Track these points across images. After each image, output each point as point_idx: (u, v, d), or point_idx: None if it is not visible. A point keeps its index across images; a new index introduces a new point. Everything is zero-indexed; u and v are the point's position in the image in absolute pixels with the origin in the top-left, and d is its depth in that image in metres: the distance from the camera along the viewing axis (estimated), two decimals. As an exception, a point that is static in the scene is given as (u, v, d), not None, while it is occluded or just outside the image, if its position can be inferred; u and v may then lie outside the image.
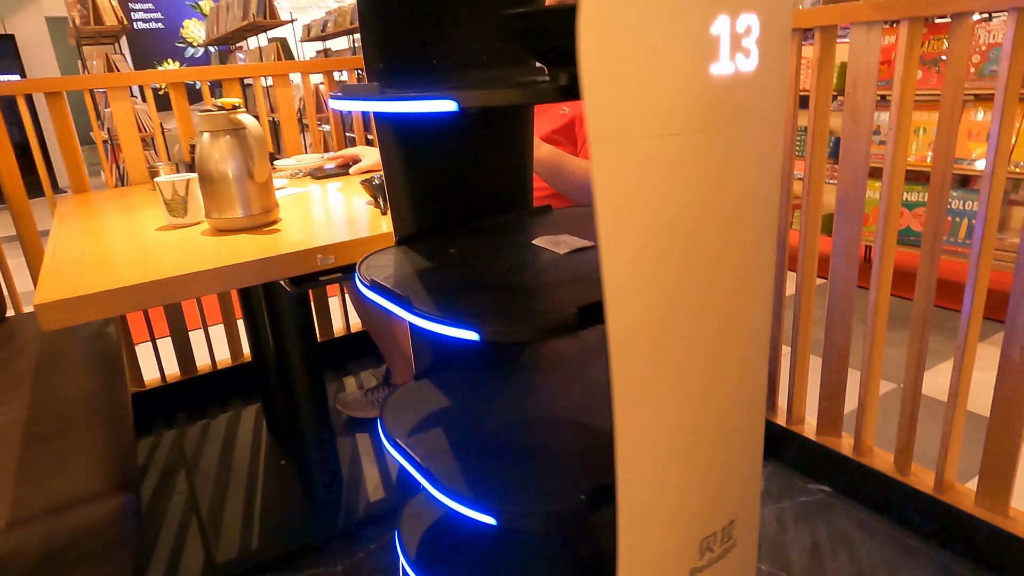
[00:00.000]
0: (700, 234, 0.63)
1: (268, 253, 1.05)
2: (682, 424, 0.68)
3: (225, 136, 1.18)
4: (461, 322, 0.63)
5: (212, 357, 2.17)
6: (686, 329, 0.65)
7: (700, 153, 0.60)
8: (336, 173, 1.78)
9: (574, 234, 0.94)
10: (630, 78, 0.55)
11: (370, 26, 0.84)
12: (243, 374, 2.19)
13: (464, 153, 0.99)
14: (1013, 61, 1.08)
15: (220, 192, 1.20)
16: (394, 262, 0.87)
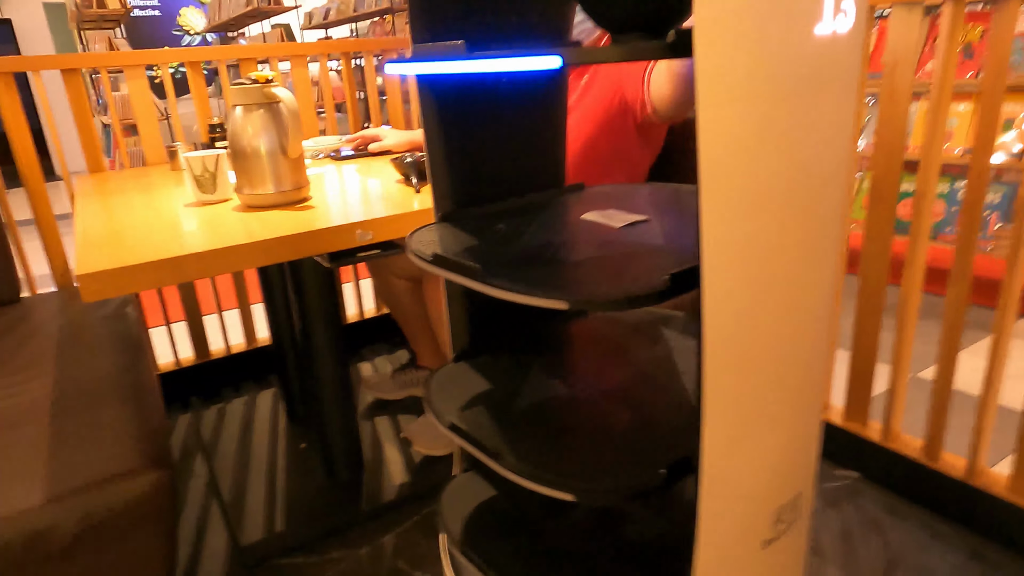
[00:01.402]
0: (794, 202, 0.62)
1: (304, 228, 1.03)
2: (767, 392, 0.67)
3: (259, 110, 1.16)
4: (546, 291, 0.62)
5: (227, 341, 2.15)
6: (775, 298, 0.64)
7: (801, 117, 0.59)
8: (356, 154, 1.76)
9: (619, 208, 0.93)
10: (742, 37, 0.53)
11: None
12: (258, 359, 2.17)
13: (505, 130, 0.98)
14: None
15: (252, 167, 1.18)
16: (442, 237, 0.86)
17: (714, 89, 0.55)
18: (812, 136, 0.62)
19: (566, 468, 0.70)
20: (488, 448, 0.76)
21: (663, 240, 0.78)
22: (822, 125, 0.62)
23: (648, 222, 0.86)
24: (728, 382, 0.65)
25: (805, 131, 0.61)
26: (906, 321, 1.39)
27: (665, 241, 0.77)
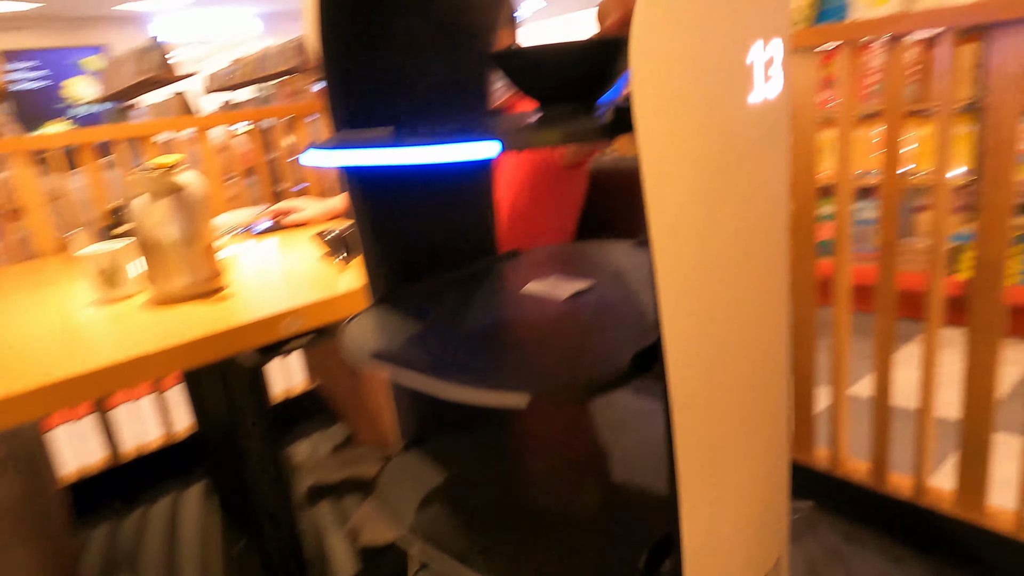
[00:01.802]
0: (744, 262, 0.60)
1: (226, 323, 0.95)
2: (741, 466, 0.64)
3: (164, 199, 1.08)
4: (502, 388, 0.58)
5: (143, 436, 1.98)
6: (737, 356, 0.63)
7: (742, 182, 0.58)
8: (273, 228, 1.68)
9: (558, 275, 0.90)
10: (681, 112, 0.52)
11: (335, 70, 0.78)
12: (181, 452, 2.01)
13: (435, 202, 0.94)
14: (953, 79, 1.14)
15: (161, 259, 1.09)
16: (382, 326, 0.80)
17: (658, 164, 0.53)
18: (755, 192, 0.61)
19: (545, 569, 0.64)
20: (455, 553, 0.70)
21: (612, 309, 0.75)
22: (762, 180, 0.61)
23: (592, 289, 0.83)
24: (701, 455, 0.62)
25: (748, 189, 0.60)
26: (841, 348, 1.43)
27: (614, 311, 0.75)
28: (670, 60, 0.51)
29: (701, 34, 0.53)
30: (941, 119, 1.16)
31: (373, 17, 0.80)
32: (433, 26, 0.86)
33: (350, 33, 0.78)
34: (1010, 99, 1.06)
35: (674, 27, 0.51)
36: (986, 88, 1.08)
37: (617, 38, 0.67)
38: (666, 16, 0.51)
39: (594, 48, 0.68)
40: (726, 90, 0.55)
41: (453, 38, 0.90)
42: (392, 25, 0.82)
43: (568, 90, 0.72)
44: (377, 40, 0.82)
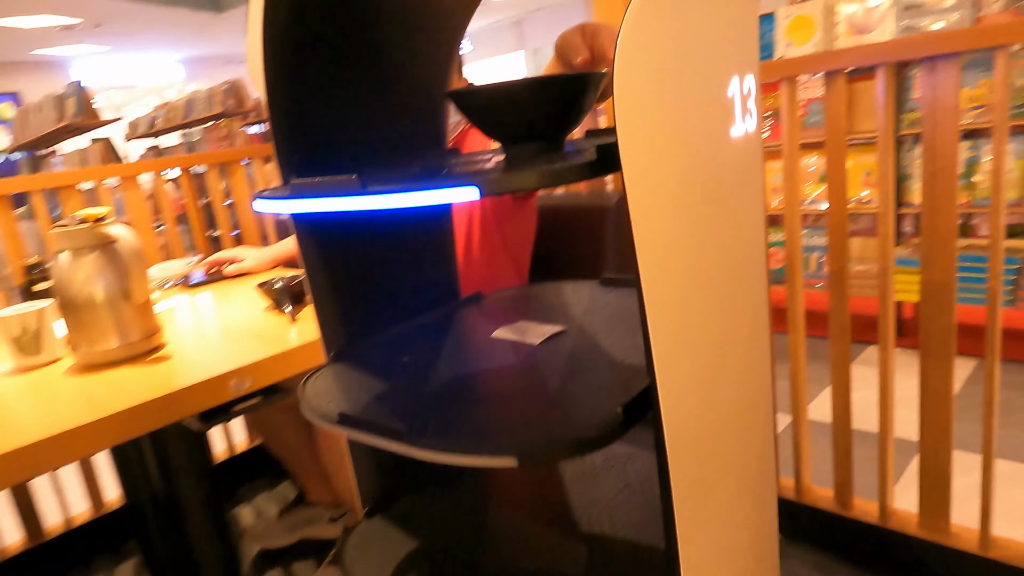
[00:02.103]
0: (730, 297, 0.58)
1: (166, 387, 0.86)
2: (737, 507, 0.61)
3: (91, 254, 0.99)
4: (488, 449, 0.53)
5: (67, 511, 1.80)
6: (728, 402, 0.60)
7: (727, 217, 0.56)
8: (210, 279, 1.59)
9: (525, 319, 0.86)
10: (666, 147, 0.50)
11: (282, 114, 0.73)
12: (111, 526, 1.85)
13: (393, 249, 0.89)
14: (887, 111, 1.17)
15: (88, 320, 1.00)
16: (344, 383, 0.74)
17: (645, 202, 0.51)
18: (738, 226, 0.59)
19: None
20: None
21: (588, 355, 0.72)
22: (744, 213, 0.59)
23: (565, 334, 0.80)
24: (697, 501, 0.58)
25: (733, 223, 0.58)
26: (799, 376, 1.43)
27: (591, 356, 0.71)
28: (655, 95, 0.49)
29: (684, 69, 0.51)
30: (881, 148, 1.20)
31: (321, 60, 0.76)
32: (385, 67, 0.83)
33: (297, 76, 0.74)
34: (948, 127, 1.10)
35: (658, 62, 0.49)
36: (924, 118, 1.12)
37: (586, 74, 0.65)
38: (649, 52, 0.48)
39: (562, 84, 0.65)
40: (710, 125, 0.53)
41: (406, 79, 0.86)
42: (341, 68, 0.78)
43: (533, 129, 0.69)
44: (326, 82, 0.77)
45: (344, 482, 1.29)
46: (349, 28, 0.77)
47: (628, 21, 0.47)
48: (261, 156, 2.12)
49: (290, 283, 1.17)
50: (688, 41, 0.51)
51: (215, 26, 10.08)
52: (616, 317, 0.84)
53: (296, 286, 1.18)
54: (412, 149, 0.90)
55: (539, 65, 12.03)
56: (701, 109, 0.52)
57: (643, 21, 0.48)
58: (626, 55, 0.48)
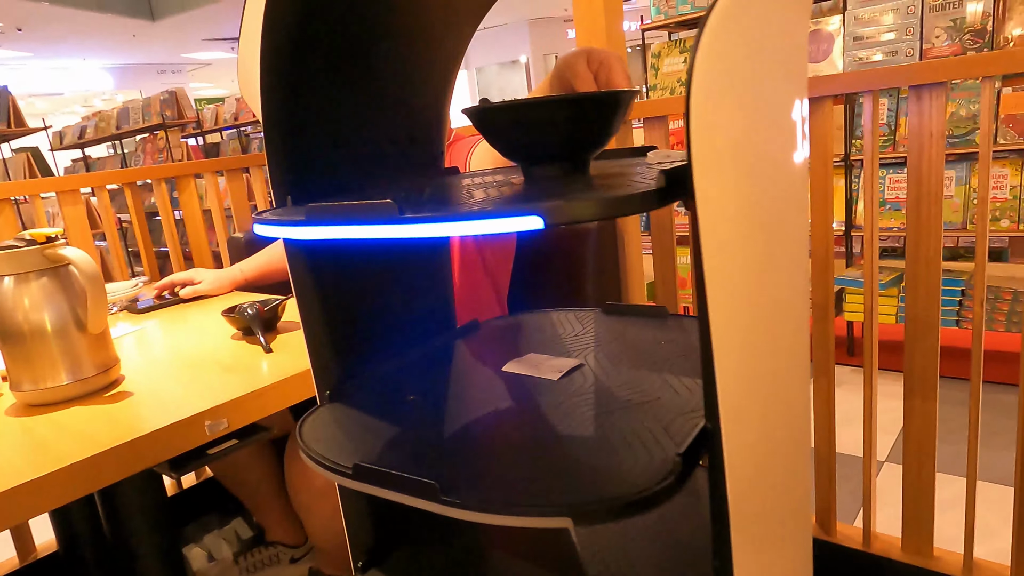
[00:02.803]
0: (788, 332, 0.54)
1: (129, 432, 0.77)
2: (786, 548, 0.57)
3: (40, 279, 0.88)
4: (538, 508, 0.47)
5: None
6: (783, 440, 0.56)
7: (787, 246, 0.52)
8: (161, 304, 1.46)
9: (531, 350, 0.81)
10: (738, 174, 0.45)
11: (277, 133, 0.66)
12: (42, 572, 1.67)
13: (387, 277, 0.83)
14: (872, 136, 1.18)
15: (34, 353, 0.88)
16: (343, 428, 0.67)
17: (717, 231, 0.46)
18: (796, 256, 0.56)
19: None
20: None
21: (618, 391, 0.67)
22: (799, 242, 0.56)
23: (583, 367, 0.75)
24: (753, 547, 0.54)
25: (792, 252, 0.55)
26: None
27: (621, 392, 0.66)
28: (729, 119, 0.45)
29: (756, 91, 0.47)
30: (867, 172, 1.20)
31: (319, 76, 0.69)
32: (383, 84, 0.77)
33: (294, 92, 0.67)
34: (934, 153, 1.11)
35: (733, 85, 0.45)
36: (911, 144, 1.13)
37: (621, 91, 0.61)
38: (725, 73, 0.44)
39: (595, 103, 0.61)
40: (777, 149, 0.49)
41: (404, 97, 0.80)
42: (339, 85, 0.72)
43: (559, 149, 0.64)
44: (323, 99, 0.70)
45: (319, 522, 1.20)
46: (348, 45, 0.71)
47: (705, 42, 0.43)
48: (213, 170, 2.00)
49: (262, 309, 1.08)
50: (761, 62, 0.47)
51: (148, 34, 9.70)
52: (632, 349, 0.79)
53: (268, 312, 1.09)
54: (409, 168, 0.83)
55: (485, 84, 12.07)
56: (770, 133, 0.49)
57: (719, 43, 0.44)
58: (702, 76, 0.43)
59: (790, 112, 0.51)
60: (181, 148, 4.79)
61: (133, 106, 5.18)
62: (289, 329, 1.12)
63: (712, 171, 0.45)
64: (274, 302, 1.12)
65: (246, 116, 5.64)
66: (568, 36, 11.92)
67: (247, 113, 5.60)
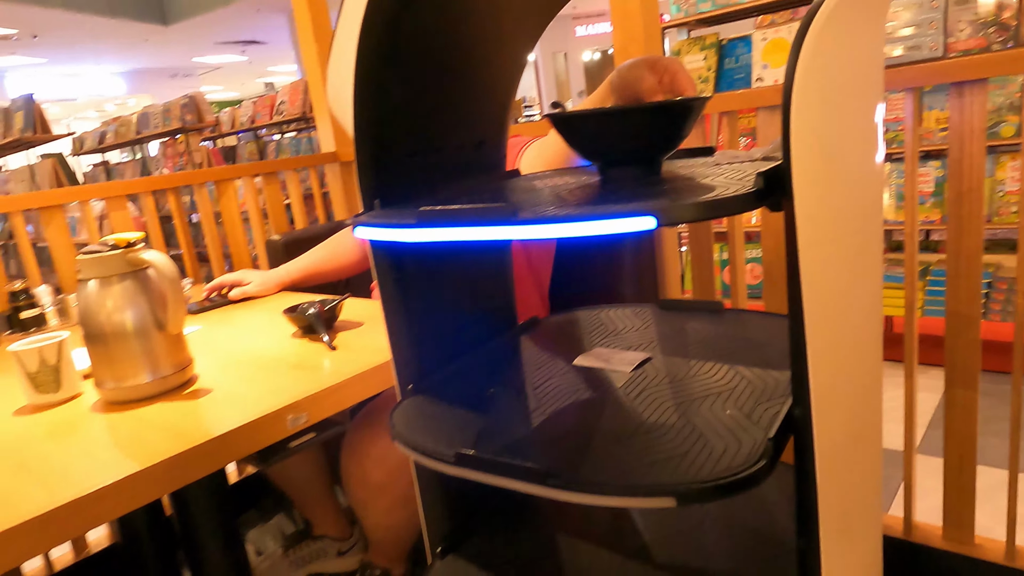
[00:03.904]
0: (870, 327, 0.57)
1: (216, 426, 0.80)
2: (868, 536, 0.60)
3: (123, 282, 0.92)
4: (643, 488, 0.50)
5: (46, 557, 1.67)
6: (864, 428, 0.58)
7: (871, 245, 0.55)
8: (213, 305, 1.51)
9: (595, 345, 0.84)
10: (832, 175, 0.49)
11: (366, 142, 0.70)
12: (96, 569, 1.72)
13: (461, 278, 0.86)
14: (912, 133, 1.21)
15: (116, 353, 0.92)
16: (432, 419, 0.70)
17: (813, 231, 0.49)
18: (876, 254, 0.59)
19: None
20: None
21: (692, 383, 0.70)
22: (876, 241, 0.59)
23: (652, 360, 0.78)
24: (839, 536, 0.57)
25: (874, 251, 0.58)
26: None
27: (696, 383, 0.69)
28: (825, 122, 0.48)
29: (847, 95, 0.50)
30: (908, 168, 1.23)
31: (403, 87, 0.73)
32: (460, 93, 0.80)
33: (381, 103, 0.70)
34: (975, 149, 1.14)
35: (829, 89, 0.48)
36: (951, 140, 1.16)
37: (694, 99, 0.64)
38: (822, 78, 0.47)
39: (670, 111, 0.64)
40: (862, 151, 0.52)
41: (476, 104, 0.83)
42: (420, 94, 0.75)
43: (635, 153, 0.68)
44: (408, 106, 0.74)
45: (375, 516, 1.24)
46: (431, 57, 0.74)
47: (807, 47, 0.46)
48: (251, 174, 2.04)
49: (322, 309, 1.12)
50: (851, 66, 0.50)
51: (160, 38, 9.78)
52: (695, 342, 0.82)
53: (328, 312, 1.12)
54: (475, 171, 0.87)
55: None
56: (857, 135, 0.52)
57: (819, 48, 0.47)
58: (803, 80, 0.46)
59: (873, 115, 0.54)
60: (201, 152, 4.84)
61: (153, 111, 5.24)
62: (347, 328, 1.16)
63: (808, 171, 0.48)
64: (333, 302, 1.16)
65: (263, 119, 5.70)
66: (576, 34, 11.92)
67: (264, 116, 5.65)
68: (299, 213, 2.23)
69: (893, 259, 2.72)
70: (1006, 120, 2.35)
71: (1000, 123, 2.35)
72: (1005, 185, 2.39)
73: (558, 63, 11.99)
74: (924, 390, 2.24)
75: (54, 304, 1.54)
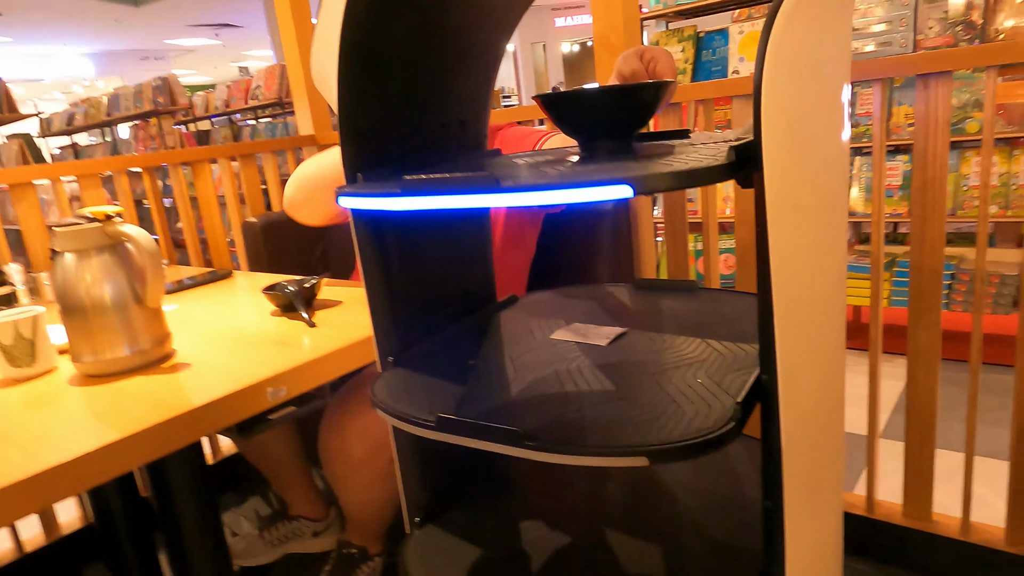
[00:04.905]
0: (833, 300, 0.60)
1: (196, 398, 0.81)
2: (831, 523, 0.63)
3: (101, 255, 0.92)
4: (619, 451, 0.52)
5: (15, 538, 1.66)
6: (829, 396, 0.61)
7: (837, 219, 0.58)
8: (184, 287, 1.50)
9: (574, 321, 0.86)
10: (800, 149, 0.51)
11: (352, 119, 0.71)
12: (67, 551, 1.71)
13: (440, 253, 0.88)
14: (880, 124, 1.25)
15: (94, 326, 0.92)
16: (413, 388, 0.72)
17: (781, 202, 0.52)
18: (841, 229, 0.61)
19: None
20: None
21: (666, 355, 0.72)
22: (841, 220, 0.62)
23: (627, 334, 0.80)
24: (804, 509, 0.60)
25: (840, 225, 0.60)
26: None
27: (670, 355, 0.72)
28: (794, 99, 0.51)
29: (815, 75, 0.52)
30: (876, 159, 1.27)
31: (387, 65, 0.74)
32: (441, 72, 0.81)
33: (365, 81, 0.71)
34: (939, 139, 1.18)
35: (798, 67, 0.50)
36: (917, 131, 1.20)
37: (662, 82, 0.67)
38: (792, 56, 0.50)
39: (640, 91, 0.67)
40: (829, 129, 0.55)
41: (457, 85, 0.85)
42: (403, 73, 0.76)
43: (611, 129, 0.70)
44: (392, 82, 0.75)
45: (354, 493, 1.25)
46: (417, 35, 0.75)
47: (778, 25, 0.48)
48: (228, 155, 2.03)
49: (302, 287, 1.12)
50: (820, 47, 0.53)
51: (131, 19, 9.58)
52: (670, 319, 0.85)
53: (308, 290, 1.13)
54: (457, 149, 0.88)
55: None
56: (825, 113, 0.54)
57: (789, 27, 0.49)
58: (774, 58, 0.49)
59: (840, 94, 0.56)
60: (174, 135, 4.77)
61: (124, 92, 5.14)
62: (326, 307, 1.17)
63: (778, 146, 0.50)
64: (312, 280, 1.16)
65: (237, 103, 5.62)
66: (555, 25, 11.93)
67: (238, 100, 5.58)
68: (277, 196, 2.22)
69: (861, 250, 2.79)
70: (971, 116, 2.42)
71: (965, 119, 2.42)
72: (969, 180, 2.47)
73: (537, 54, 11.99)
74: (889, 378, 2.31)
75: (25, 283, 1.52)
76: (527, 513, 0.84)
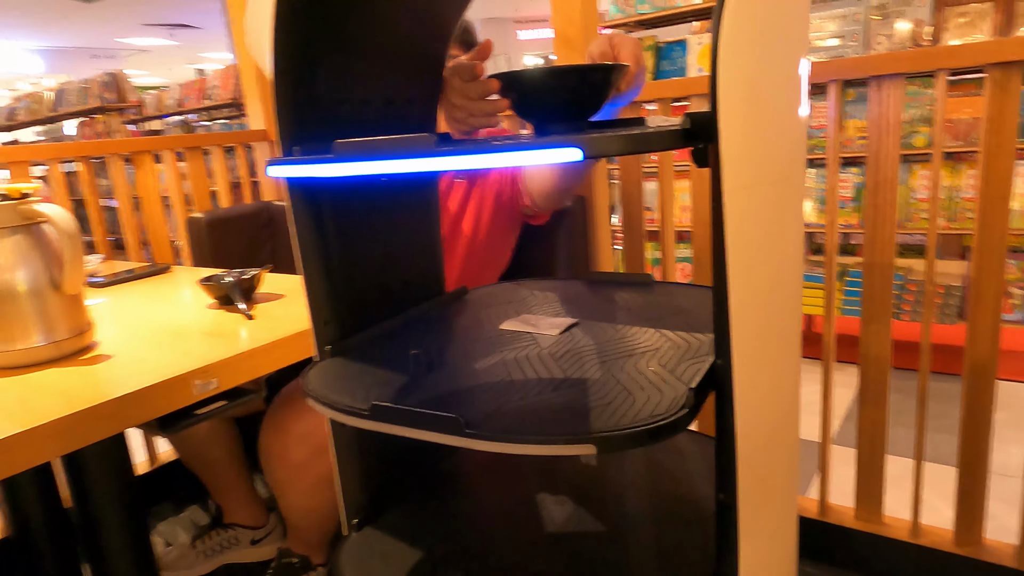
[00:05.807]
0: (789, 287, 0.58)
1: (113, 390, 0.75)
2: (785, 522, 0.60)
3: (14, 236, 0.84)
4: (563, 436, 0.48)
5: (-74, 550, 1.53)
6: (783, 388, 0.59)
7: (794, 198, 0.55)
8: (120, 279, 1.41)
9: (519, 312, 0.83)
10: (756, 121, 0.48)
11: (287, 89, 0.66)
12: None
13: (384, 239, 0.83)
14: (835, 126, 1.25)
15: (5, 314, 0.85)
16: (349, 377, 0.67)
17: (737, 176, 0.49)
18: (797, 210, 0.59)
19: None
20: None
21: (617, 344, 0.69)
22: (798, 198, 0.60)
23: (579, 324, 0.77)
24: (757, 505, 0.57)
25: (797, 205, 0.58)
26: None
27: (621, 345, 0.69)
28: (752, 69, 0.48)
29: (772, 45, 0.50)
30: (830, 167, 1.27)
31: (327, 33, 0.69)
32: (388, 43, 0.77)
33: (306, 43, 0.67)
34: (891, 142, 1.19)
35: (752, 38, 0.48)
36: (870, 133, 1.20)
37: (614, 64, 0.65)
38: (747, 28, 0.47)
39: (593, 72, 0.65)
40: (787, 103, 0.53)
41: (405, 58, 0.81)
42: (346, 38, 0.72)
43: (565, 111, 0.67)
44: (331, 52, 0.70)
45: (295, 498, 1.18)
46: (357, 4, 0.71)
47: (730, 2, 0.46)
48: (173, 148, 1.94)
49: (240, 278, 1.06)
50: (778, 17, 0.50)
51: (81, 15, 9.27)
52: (623, 310, 0.82)
53: (247, 281, 1.07)
54: (403, 129, 0.84)
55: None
56: (782, 85, 0.52)
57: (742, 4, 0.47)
58: (730, 27, 0.46)
59: (798, 67, 0.54)
60: (123, 133, 4.60)
61: (70, 87, 4.95)
62: (267, 300, 1.11)
63: (734, 116, 0.48)
64: (252, 272, 1.10)
65: (191, 103, 5.47)
66: (518, 37, 11.99)
67: (192, 99, 5.43)
68: (226, 197, 2.13)
69: (814, 260, 2.84)
70: (919, 131, 2.49)
71: (913, 133, 2.48)
72: (917, 192, 2.53)
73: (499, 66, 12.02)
74: (841, 386, 2.34)
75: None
76: (473, 514, 0.80)
